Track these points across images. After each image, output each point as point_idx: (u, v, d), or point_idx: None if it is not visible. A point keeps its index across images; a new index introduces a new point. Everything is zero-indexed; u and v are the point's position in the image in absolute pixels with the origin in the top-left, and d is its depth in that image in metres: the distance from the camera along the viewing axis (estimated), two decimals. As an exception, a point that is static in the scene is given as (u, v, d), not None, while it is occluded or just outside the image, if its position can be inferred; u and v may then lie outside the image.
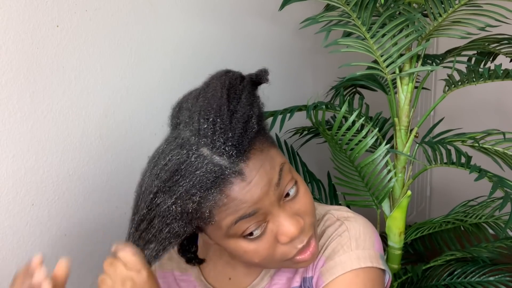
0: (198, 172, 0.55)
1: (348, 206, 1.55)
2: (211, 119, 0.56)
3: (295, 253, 0.62)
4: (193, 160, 0.56)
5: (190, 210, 0.57)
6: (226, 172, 0.56)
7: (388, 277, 0.72)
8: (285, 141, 1.50)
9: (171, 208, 0.57)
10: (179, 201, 0.56)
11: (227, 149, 0.56)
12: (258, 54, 1.53)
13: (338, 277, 0.66)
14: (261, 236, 0.60)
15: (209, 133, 0.56)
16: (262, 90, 0.65)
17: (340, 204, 1.53)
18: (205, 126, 0.56)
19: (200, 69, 1.27)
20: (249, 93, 0.60)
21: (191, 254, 0.74)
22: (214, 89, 0.59)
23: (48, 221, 0.93)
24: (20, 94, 0.86)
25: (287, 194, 0.61)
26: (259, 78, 0.62)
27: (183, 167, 0.56)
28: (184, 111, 0.61)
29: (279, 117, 1.32)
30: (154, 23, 1.12)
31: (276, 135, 1.41)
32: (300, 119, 1.53)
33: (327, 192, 1.54)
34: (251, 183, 0.57)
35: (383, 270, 0.70)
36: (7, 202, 0.86)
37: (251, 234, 0.59)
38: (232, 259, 0.75)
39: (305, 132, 1.54)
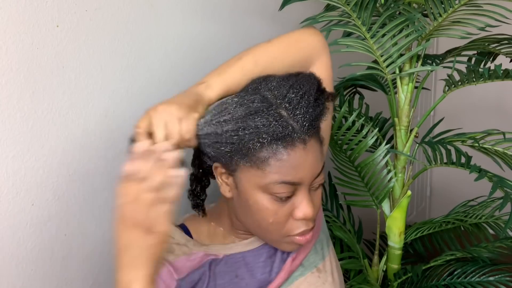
0: (276, 123, 0.65)
1: (349, 206, 1.55)
2: (300, 93, 0.67)
3: (297, 233, 0.72)
4: (272, 112, 0.66)
5: (252, 146, 0.66)
6: (295, 134, 0.66)
7: None
8: (285, 141, 1.49)
9: (239, 135, 0.66)
10: (248, 133, 0.66)
11: (303, 119, 0.67)
12: (258, 54, 1.52)
13: None
14: (284, 202, 0.69)
15: (294, 101, 0.67)
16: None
17: (340, 205, 1.53)
18: (293, 95, 0.67)
19: (200, 69, 1.27)
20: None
21: (200, 200, 0.82)
22: (307, 77, 0.71)
23: (48, 221, 0.93)
24: (20, 94, 0.86)
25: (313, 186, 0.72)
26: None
27: (262, 113, 0.66)
28: (271, 81, 0.70)
29: (279, 117, 1.32)
30: (154, 23, 1.12)
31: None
32: (300, 119, 1.52)
33: (327, 192, 1.54)
34: (308, 156, 0.68)
35: None
36: (7, 202, 0.86)
37: (279, 196, 0.69)
38: (235, 219, 0.79)
39: (305, 132, 1.54)
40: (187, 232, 0.83)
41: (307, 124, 0.67)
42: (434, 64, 1.45)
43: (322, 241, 0.87)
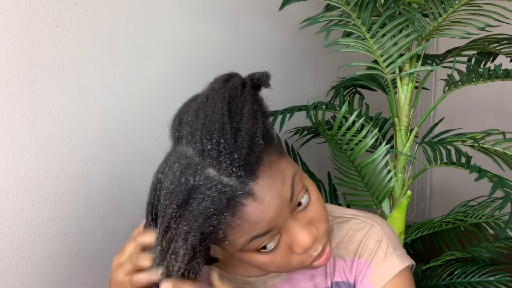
0: (208, 193, 0.53)
1: (348, 206, 1.55)
2: (214, 140, 0.53)
3: (311, 261, 0.61)
4: (201, 183, 0.53)
5: (205, 231, 0.54)
6: (237, 193, 0.54)
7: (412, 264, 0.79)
8: (285, 141, 1.50)
9: (185, 230, 0.54)
10: (194, 224, 0.54)
11: (234, 170, 0.53)
12: (258, 54, 1.53)
13: (390, 280, 0.70)
14: (275, 249, 0.59)
15: (214, 154, 0.53)
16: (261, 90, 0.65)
17: (340, 204, 1.53)
18: (209, 147, 0.54)
19: (200, 69, 1.27)
20: (252, 104, 0.56)
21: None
22: (214, 105, 0.55)
23: (48, 221, 0.93)
24: (20, 94, 0.86)
25: (299, 203, 0.59)
26: (261, 82, 0.59)
27: (192, 190, 0.54)
28: (185, 126, 0.58)
29: (279, 117, 1.32)
30: (154, 23, 1.12)
31: (277, 135, 1.42)
32: (300, 119, 1.53)
33: (327, 192, 1.54)
34: (264, 202, 0.55)
35: None
36: (7, 202, 0.86)
37: (264, 247, 0.58)
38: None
39: (305, 132, 1.54)
40: None
41: (242, 173, 0.53)
42: (434, 64, 1.45)
43: None
